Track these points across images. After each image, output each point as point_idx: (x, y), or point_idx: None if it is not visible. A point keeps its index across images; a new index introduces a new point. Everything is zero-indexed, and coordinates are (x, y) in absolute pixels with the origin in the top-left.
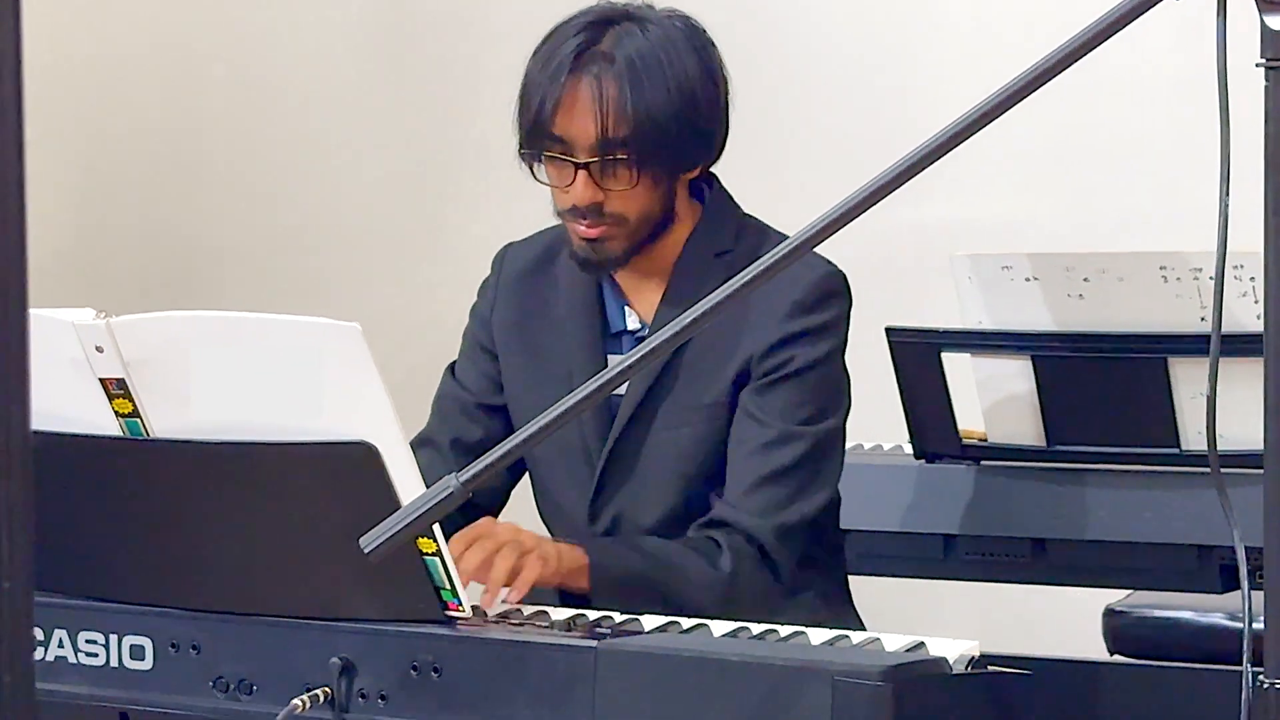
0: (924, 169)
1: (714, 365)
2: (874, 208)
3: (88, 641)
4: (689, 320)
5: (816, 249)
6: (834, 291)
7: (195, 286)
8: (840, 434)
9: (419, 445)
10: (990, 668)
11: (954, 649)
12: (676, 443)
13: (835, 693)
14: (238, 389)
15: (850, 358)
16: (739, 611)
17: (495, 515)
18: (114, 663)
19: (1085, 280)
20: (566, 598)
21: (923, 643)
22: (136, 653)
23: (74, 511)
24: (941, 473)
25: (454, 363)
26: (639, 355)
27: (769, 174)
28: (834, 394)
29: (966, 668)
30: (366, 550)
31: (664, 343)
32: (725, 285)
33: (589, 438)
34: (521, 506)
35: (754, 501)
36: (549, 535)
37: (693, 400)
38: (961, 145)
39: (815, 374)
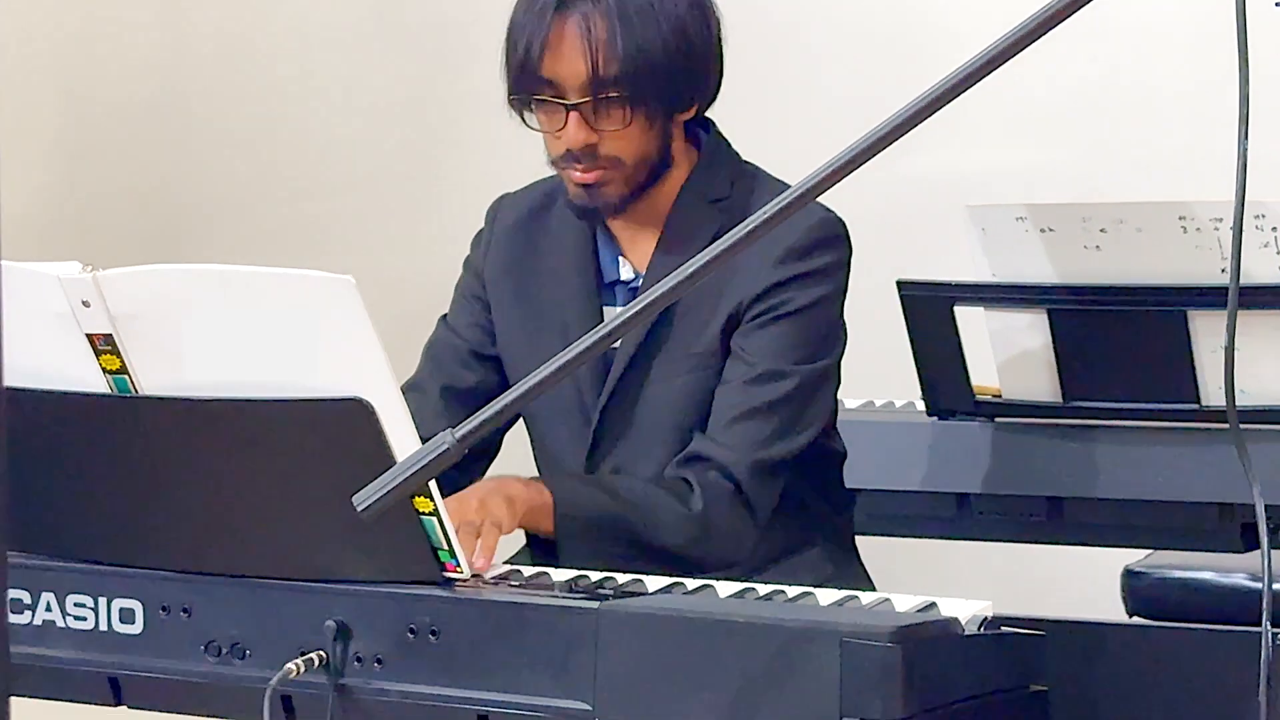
0: (929, 116)
1: (705, 314)
2: (884, 157)
3: (76, 605)
4: (688, 272)
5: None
6: (830, 237)
7: (185, 239)
8: (831, 377)
9: (406, 390)
10: (1003, 628)
11: (966, 609)
12: (670, 394)
13: (844, 654)
14: (228, 344)
15: (860, 312)
16: (712, 551)
17: (488, 466)
18: (103, 626)
19: (1102, 231)
20: (534, 541)
21: (934, 603)
22: (126, 616)
23: (61, 471)
24: (955, 430)
25: (445, 314)
26: (636, 309)
27: (769, 121)
28: (826, 338)
29: (979, 628)
30: (360, 509)
31: (663, 295)
32: (724, 237)
33: (585, 392)
34: (518, 458)
35: (732, 436)
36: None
37: (683, 350)
38: (975, 93)
39: (807, 317)
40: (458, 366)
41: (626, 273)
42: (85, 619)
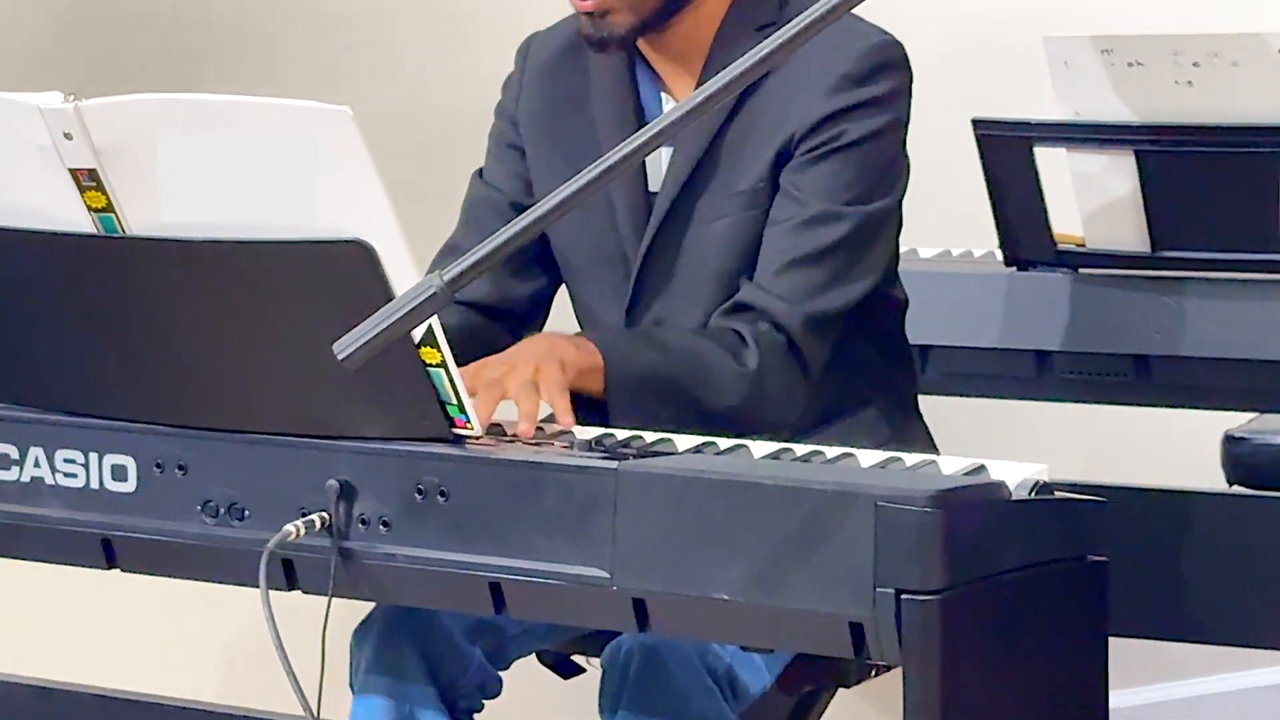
0: None
1: (753, 149)
2: None
3: (66, 461)
4: (722, 83)
5: (872, 22)
6: (888, 62)
7: (195, 71)
8: (890, 220)
9: (445, 254)
10: (1057, 494)
11: (1017, 473)
12: (714, 236)
13: (879, 519)
14: (220, 180)
15: (934, 154)
16: (766, 411)
17: (536, 326)
18: (94, 484)
19: (1195, 65)
20: (582, 400)
21: (983, 466)
22: (118, 473)
23: (45, 317)
24: (1034, 282)
25: (481, 167)
26: (661, 125)
27: None
28: (885, 175)
29: (1030, 494)
30: (341, 356)
31: (688, 113)
32: (762, 45)
33: (624, 239)
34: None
35: (784, 284)
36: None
37: (730, 188)
38: None
39: (864, 150)
40: (499, 222)
41: (669, 108)
42: (76, 476)
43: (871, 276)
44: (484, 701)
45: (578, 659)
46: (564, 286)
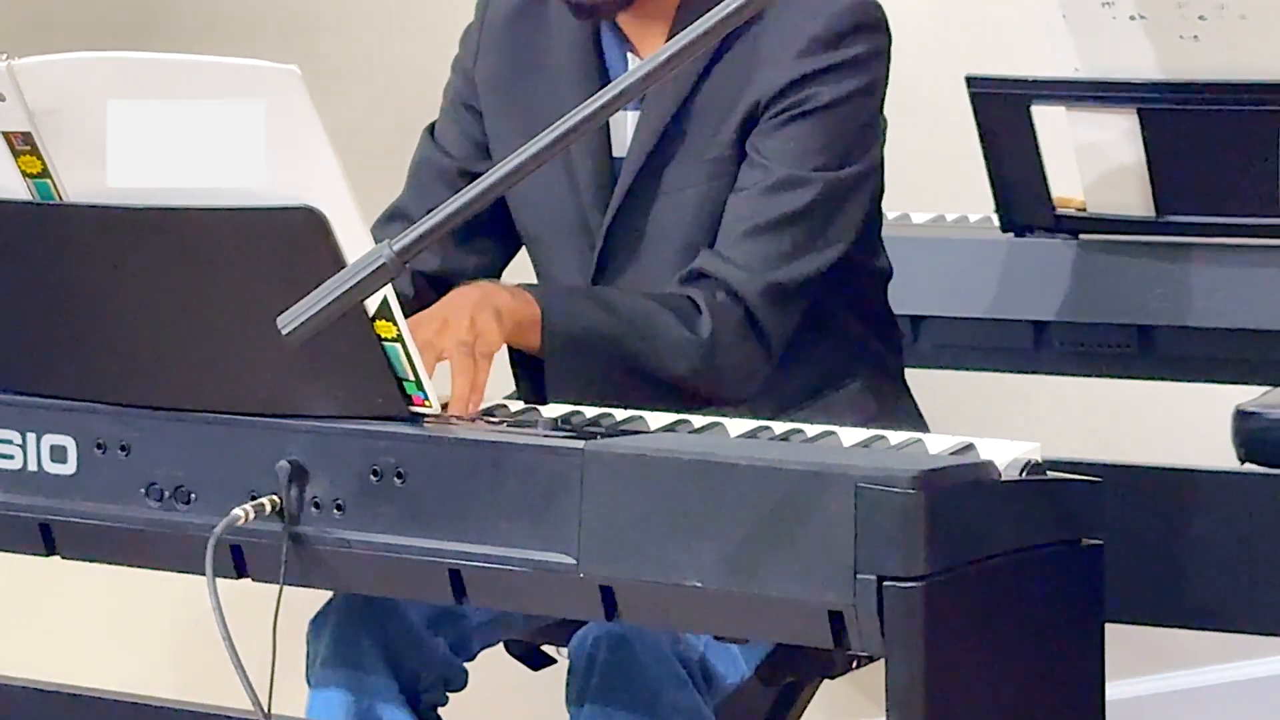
0: None
1: (720, 116)
2: None
3: (2, 442)
4: (685, 41)
5: None
6: (863, 24)
7: (154, 24)
8: (865, 184)
9: (390, 219)
10: (1050, 474)
11: (1008, 452)
12: (682, 206)
13: (859, 501)
14: (162, 144)
15: (925, 113)
16: (719, 383)
17: None
18: (32, 466)
19: (1201, 19)
20: (517, 356)
21: (971, 444)
22: (58, 455)
23: None
24: (1032, 248)
25: (433, 124)
26: (624, 85)
27: None
28: (858, 140)
29: (1021, 474)
30: (284, 331)
31: (651, 72)
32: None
33: (588, 209)
34: None
35: (743, 253)
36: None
37: (698, 155)
38: None
39: (834, 114)
40: (444, 189)
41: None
42: (12, 457)
43: (839, 245)
44: (448, 694)
45: (548, 649)
46: (528, 259)
